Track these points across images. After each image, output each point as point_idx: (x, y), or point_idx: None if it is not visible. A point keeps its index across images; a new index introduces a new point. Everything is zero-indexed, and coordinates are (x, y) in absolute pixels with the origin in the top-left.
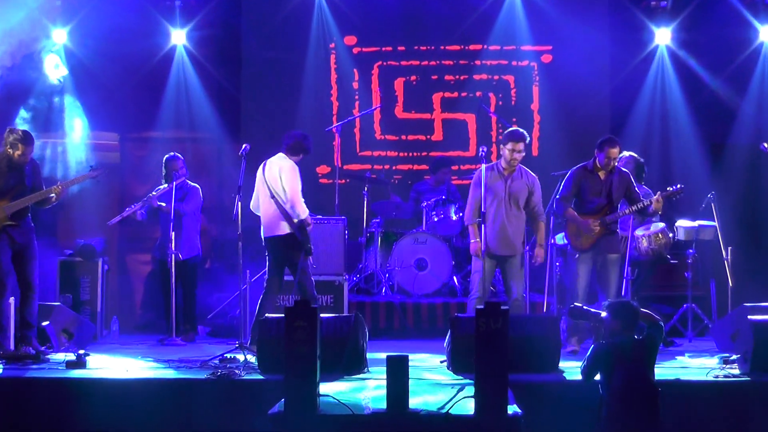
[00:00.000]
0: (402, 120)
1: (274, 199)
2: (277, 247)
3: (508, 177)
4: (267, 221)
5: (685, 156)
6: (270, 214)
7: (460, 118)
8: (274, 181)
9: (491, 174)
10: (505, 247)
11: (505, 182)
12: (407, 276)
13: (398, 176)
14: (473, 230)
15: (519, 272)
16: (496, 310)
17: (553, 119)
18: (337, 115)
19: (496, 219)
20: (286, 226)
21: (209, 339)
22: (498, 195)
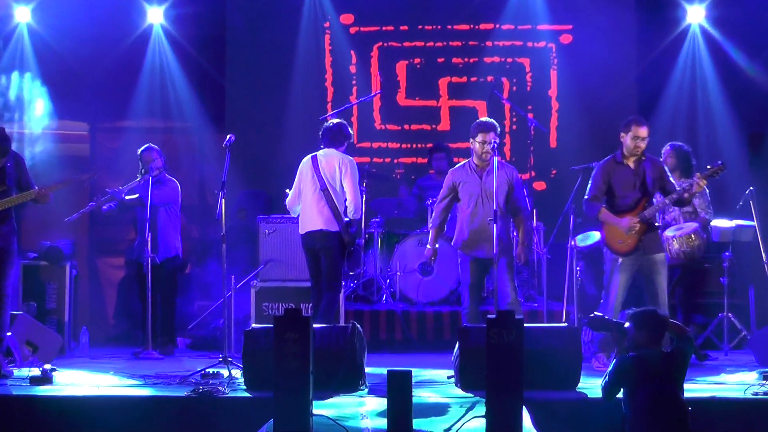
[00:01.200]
0: (405, 108)
1: (324, 192)
2: (318, 243)
3: (481, 172)
4: (312, 214)
5: (721, 148)
6: (318, 207)
7: (469, 105)
8: (332, 176)
9: (462, 173)
10: (488, 249)
11: (479, 178)
12: (411, 282)
13: (400, 170)
14: (433, 235)
15: (509, 274)
16: (509, 320)
17: (572, 107)
18: (332, 102)
19: (474, 220)
20: (334, 222)
21: (190, 352)
22: (473, 194)
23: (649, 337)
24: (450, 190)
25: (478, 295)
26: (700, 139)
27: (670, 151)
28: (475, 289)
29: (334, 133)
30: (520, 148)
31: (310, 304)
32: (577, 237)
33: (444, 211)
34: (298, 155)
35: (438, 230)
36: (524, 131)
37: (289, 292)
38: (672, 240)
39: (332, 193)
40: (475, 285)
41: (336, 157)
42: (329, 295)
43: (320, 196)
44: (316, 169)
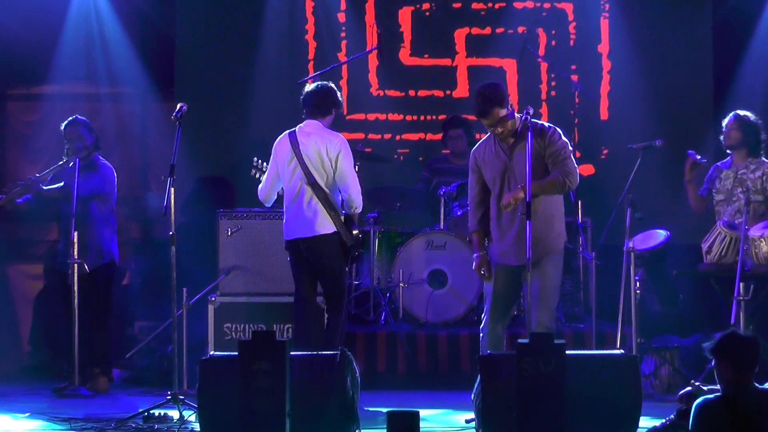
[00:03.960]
0: (410, 68)
1: (312, 187)
2: (312, 250)
3: (509, 147)
4: (300, 216)
5: None
6: (307, 207)
7: (494, 65)
8: (320, 161)
9: (484, 150)
10: (521, 253)
11: (506, 155)
12: (418, 296)
13: (404, 150)
14: (476, 240)
15: (543, 290)
16: (547, 346)
17: (630, 67)
18: (314, 60)
19: (501, 213)
20: (330, 222)
21: (129, 387)
22: (497, 178)
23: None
24: (476, 174)
25: (503, 312)
26: None
27: (732, 122)
28: (499, 305)
29: (318, 99)
30: (561, 121)
31: (288, 325)
32: (636, 237)
33: (480, 205)
34: (269, 131)
35: (480, 233)
36: (566, 99)
37: (259, 309)
38: (760, 241)
39: (323, 184)
40: (500, 299)
41: (323, 137)
42: (335, 315)
43: (308, 192)
44: (297, 153)
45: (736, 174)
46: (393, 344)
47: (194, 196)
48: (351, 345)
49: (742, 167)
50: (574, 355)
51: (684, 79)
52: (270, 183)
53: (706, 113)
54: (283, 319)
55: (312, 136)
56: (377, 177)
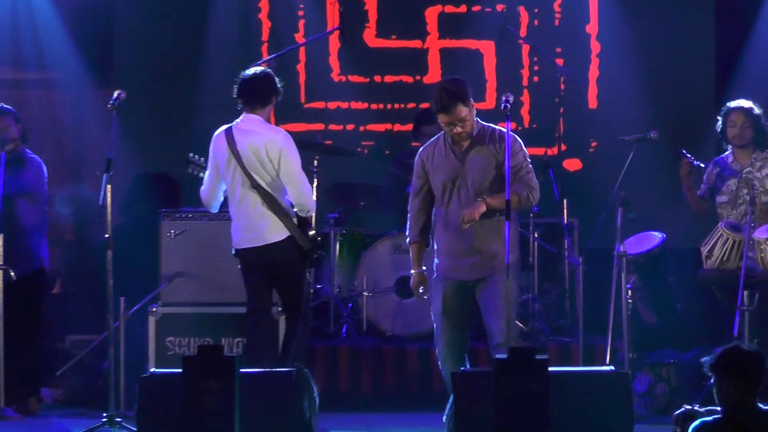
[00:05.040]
0: (376, 51)
1: (257, 190)
2: (265, 259)
3: (462, 149)
4: (247, 225)
5: None
6: (254, 214)
7: (470, 47)
8: (261, 161)
9: (435, 152)
10: (473, 268)
11: (458, 159)
12: (384, 306)
13: (369, 142)
14: (415, 253)
15: (503, 300)
16: (528, 362)
17: (621, 50)
18: (268, 42)
19: (450, 223)
20: (281, 227)
21: (60, 408)
22: (447, 183)
23: (742, 388)
24: (422, 179)
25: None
26: None
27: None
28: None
29: (255, 87)
30: (545, 110)
31: (238, 339)
32: (628, 240)
33: (422, 213)
34: (218, 122)
35: (420, 244)
36: (551, 85)
37: (206, 321)
38: (766, 244)
39: (267, 187)
40: (452, 318)
41: (261, 134)
42: (292, 326)
43: (252, 196)
44: (235, 152)
45: (740, 173)
46: (356, 360)
47: (134, 194)
48: (309, 361)
49: (747, 165)
50: (558, 372)
51: (683, 63)
52: (211, 185)
53: (708, 102)
54: (233, 332)
55: (249, 133)
56: (339, 172)
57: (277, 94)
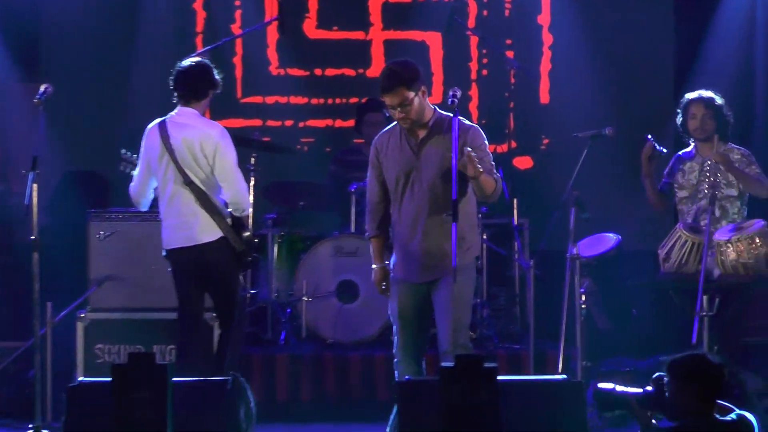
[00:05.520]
0: (316, 42)
1: (189, 187)
2: (197, 261)
3: (417, 140)
4: (178, 223)
5: None
6: (185, 211)
7: (415, 38)
8: (195, 157)
9: (390, 143)
10: (427, 267)
11: (413, 150)
12: (325, 311)
13: (309, 138)
14: (375, 248)
15: (459, 303)
16: (476, 370)
17: (575, 42)
18: (203, 34)
19: (403, 218)
20: (215, 227)
21: None
22: (401, 175)
23: (699, 397)
24: (376, 169)
25: (415, 334)
26: None
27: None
28: (408, 327)
29: (191, 80)
30: (494, 105)
31: (171, 346)
32: (582, 242)
33: (380, 206)
34: (150, 117)
35: (379, 239)
36: (500, 79)
37: (137, 327)
38: (726, 246)
39: (201, 184)
40: (408, 319)
41: (196, 129)
42: (226, 333)
43: (184, 193)
44: (168, 147)
45: (702, 166)
46: (296, 368)
47: (61, 194)
48: (245, 369)
49: (709, 158)
50: (508, 381)
51: (640, 56)
52: (141, 181)
53: (666, 96)
54: (165, 338)
55: (184, 127)
56: (277, 171)
57: (215, 88)
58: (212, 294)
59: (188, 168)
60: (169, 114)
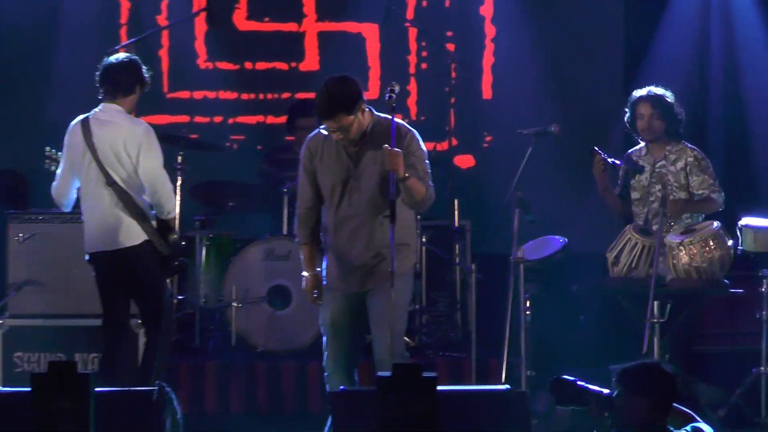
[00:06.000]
0: (247, 34)
1: (113, 188)
2: (121, 265)
3: (354, 151)
4: (101, 225)
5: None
6: (107, 212)
7: (351, 30)
8: (114, 157)
9: (325, 147)
10: (365, 274)
11: (349, 156)
12: (256, 318)
13: (239, 136)
14: (306, 255)
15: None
16: (415, 380)
17: (519, 35)
18: (127, 25)
19: (340, 227)
20: (139, 230)
21: None
22: (337, 182)
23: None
24: (310, 174)
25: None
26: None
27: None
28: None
29: (117, 75)
30: (434, 101)
31: (94, 354)
32: (526, 244)
33: (313, 211)
34: (72, 114)
35: (311, 245)
36: (440, 73)
37: (58, 334)
38: (678, 249)
39: (124, 185)
40: (340, 330)
41: (120, 126)
42: (154, 339)
43: (107, 194)
44: (90, 145)
45: (653, 167)
46: (225, 378)
47: None
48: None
49: (661, 158)
50: (448, 392)
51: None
52: (63, 180)
53: (615, 91)
54: (88, 346)
55: (107, 124)
56: (205, 170)
57: (143, 84)
58: (137, 300)
59: (111, 168)
60: (93, 110)
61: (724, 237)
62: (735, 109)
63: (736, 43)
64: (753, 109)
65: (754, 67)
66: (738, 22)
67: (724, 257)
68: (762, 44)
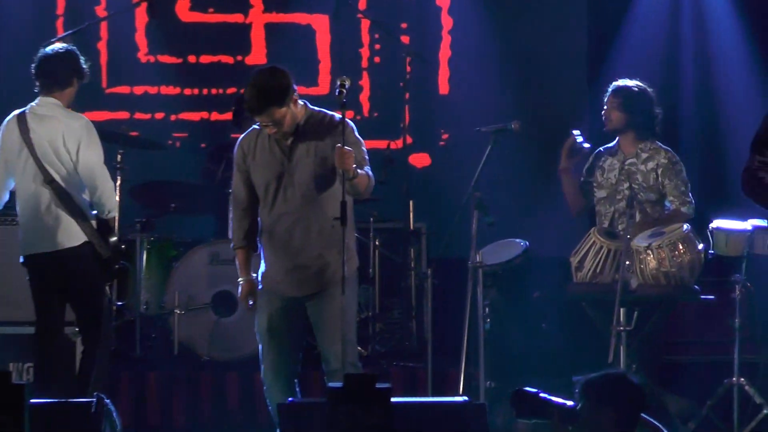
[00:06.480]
0: (190, 26)
1: (50, 186)
2: (58, 268)
3: (288, 142)
4: (37, 226)
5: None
6: (44, 211)
7: (300, 22)
8: (53, 154)
9: (257, 144)
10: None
11: (283, 152)
12: (199, 325)
13: (182, 133)
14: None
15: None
16: (368, 391)
17: (477, 26)
18: (64, 17)
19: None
20: (78, 231)
21: None
22: (271, 181)
23: (618, 422)
24: (243, 174)
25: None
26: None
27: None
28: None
29: (53, 67)
30: (388, 97)
31: (28, 363)
32: (485, 248)
33: (248, 213)
34: (6, 110)
35: (246, 250)
36: (394, 67)
37: None
38: (646, 253)
39: (63, 183)
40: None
41: (59, 120)
42: (92, 347)
43: (45, 193)
44: (27, 141)
45: (622, 164)
46: (167, 389)
47: None
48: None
49: (631, 156)
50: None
51: (549, 43)
52: None
53: (579, 87)
54: (23, 355)
55: (45, 119)
56: (146, 169)
57: (81, 76)
58: (75, 306)
59: (49, 164)
60: (29, 105)
61: (695, 240)
62: (707, 106)
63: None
64: (725, 106)
65: (725, 59)
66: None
67: (694, 261)
68: (733, 36)
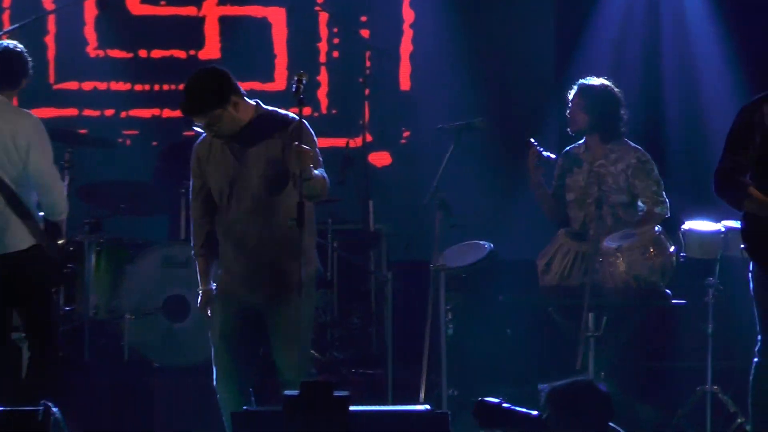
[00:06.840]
0: (141, 19)
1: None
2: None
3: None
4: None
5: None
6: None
7: (255, 15)
8: (7, 152)
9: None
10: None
11: (233, 155)
12: (151, 332)
13: (133, 131)
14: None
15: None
16: (325, 399)
17: (440, 20)
18: (10, 9)
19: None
20: (27, 233)
21: None
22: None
23: (585, 431)
24: (200, 180)
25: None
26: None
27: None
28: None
29: (9, 67)
30: (347, 93)
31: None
32: (448, 250)
33: (205, 218)
34: None
35: (206, 257)
36: (354, 62)
37: None
38: (615, 256)
39: (12, 183)
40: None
41: (8, 119)
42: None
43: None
44: None
45: (591, 166)
46: (119, 397)
47: None
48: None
49: (601, 157)
50: (362, 412)
51: (516, 36)
52: None
53: (546, 83)
54: None
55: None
56: (96, 168)
57: (27, 76)
58: (22, 311)
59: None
60: None
61: (666, 242)
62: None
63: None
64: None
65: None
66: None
67: (665, 264)
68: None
